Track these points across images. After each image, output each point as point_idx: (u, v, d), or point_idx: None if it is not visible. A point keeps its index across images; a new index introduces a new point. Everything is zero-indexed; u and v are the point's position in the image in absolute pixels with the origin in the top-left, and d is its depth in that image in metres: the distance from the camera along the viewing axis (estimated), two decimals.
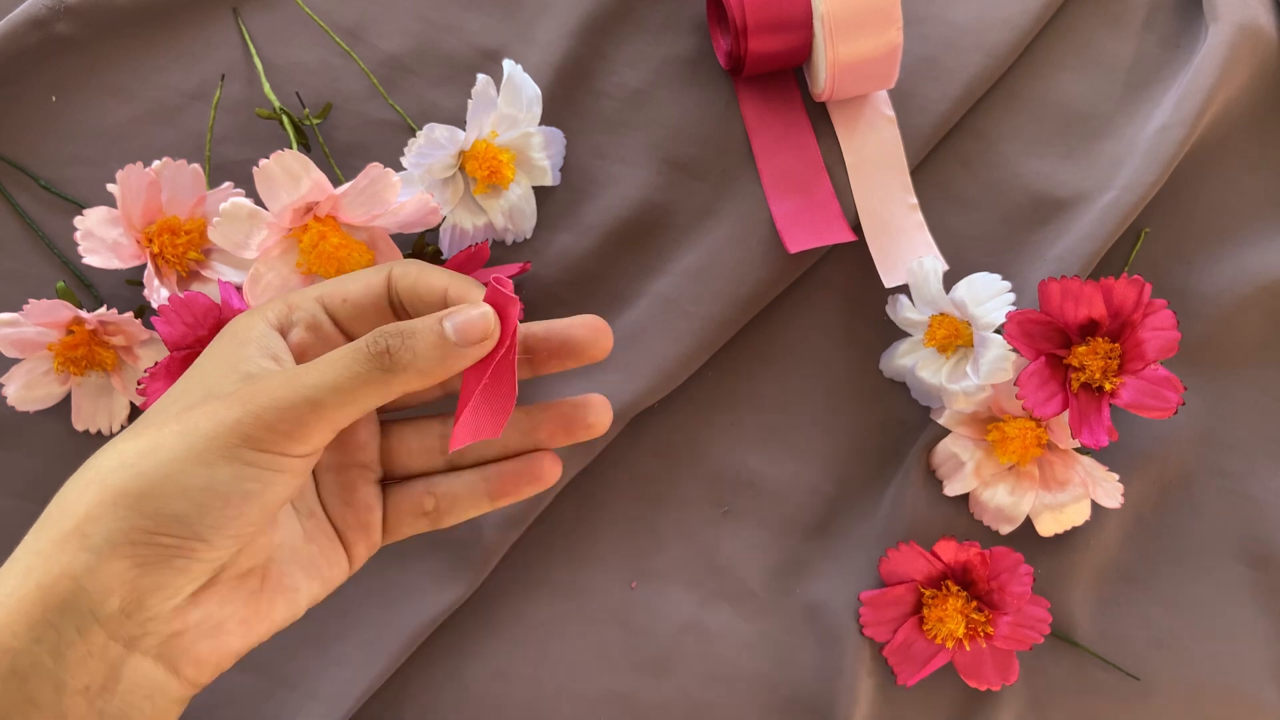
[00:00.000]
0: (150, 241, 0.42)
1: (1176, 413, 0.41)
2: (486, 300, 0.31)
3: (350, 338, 0.33)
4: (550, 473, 0.35)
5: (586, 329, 0.34)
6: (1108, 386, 0.42)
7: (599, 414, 0.35)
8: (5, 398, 0.42)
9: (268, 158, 0.38)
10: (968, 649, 0.44)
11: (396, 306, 0.33)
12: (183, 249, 0.42)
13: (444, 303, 0.32)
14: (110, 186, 0.40)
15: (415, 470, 0.35)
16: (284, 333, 0.32)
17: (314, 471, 0.34)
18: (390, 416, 0.36)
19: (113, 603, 0.27)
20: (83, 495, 0.27)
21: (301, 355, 0.32)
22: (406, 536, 0.35)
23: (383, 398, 0.29)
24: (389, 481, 0.36)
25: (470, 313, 0.30)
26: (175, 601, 0.28)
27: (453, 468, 0.35)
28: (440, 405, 0.38)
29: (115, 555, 0.26)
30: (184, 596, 0.28)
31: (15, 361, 0.42)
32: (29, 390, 0.42)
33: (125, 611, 0.27)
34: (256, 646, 0.31)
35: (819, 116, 0.49)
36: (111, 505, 0.27)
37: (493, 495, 0.35)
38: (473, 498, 0.35)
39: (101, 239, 0.41)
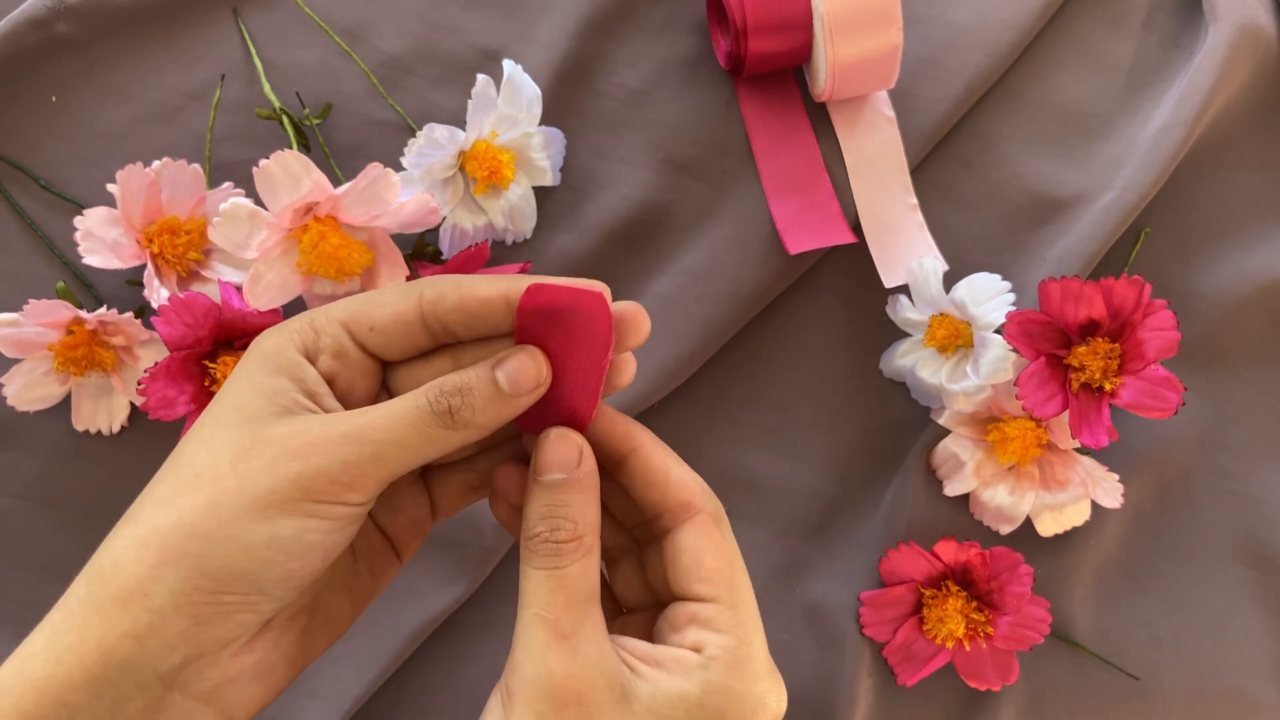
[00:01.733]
0: (150, 241, 0.42)
1: (1176, 413, 0.41)
2: (538, 306, 0.30)
3: (381, 359, 0.32)
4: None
5: (629, 314, 0.32)
6: (1108, 386, 0.42)
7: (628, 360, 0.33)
8: (5, 398, 0.42)
9: (268, 158, 0.38)
10: (968, 649, 0.44)
11: (435, 330, 0.32)
12: (183, 249, 0.42)
13: (505, 311, 0.31)
14: (110, 186, 0.40)
15: (455, 457, 0.34)
16: (311, 359, 0.31)
17: None
18: None
19: (174, 658, 0.26)
20: (141, 555, 0.27)
21: (332, 382, 0.31)
22: (459, 511, 0.35)
23: (442, 452, 0.29)
24: (429, 468, 0.35)
25: (521, 360, 0.30)
26: (231, 649, 0.28)
27: (490, 446, 0.34)
28: None
29: (178, 615, 0.26)
30: (240, 644, 0.28)
31: (15, 361, 0.42)
32: (29, 390, 0.42)
33: (184, 664, 0.27)
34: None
35: (819, 116, 0.49)
36: (175, 566, 0.26)
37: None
38: (516, 465, 0.34)
39: (101, 239, 0.41)
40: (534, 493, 0.30)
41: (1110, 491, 0.45)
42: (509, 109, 0.44)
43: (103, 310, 0.40)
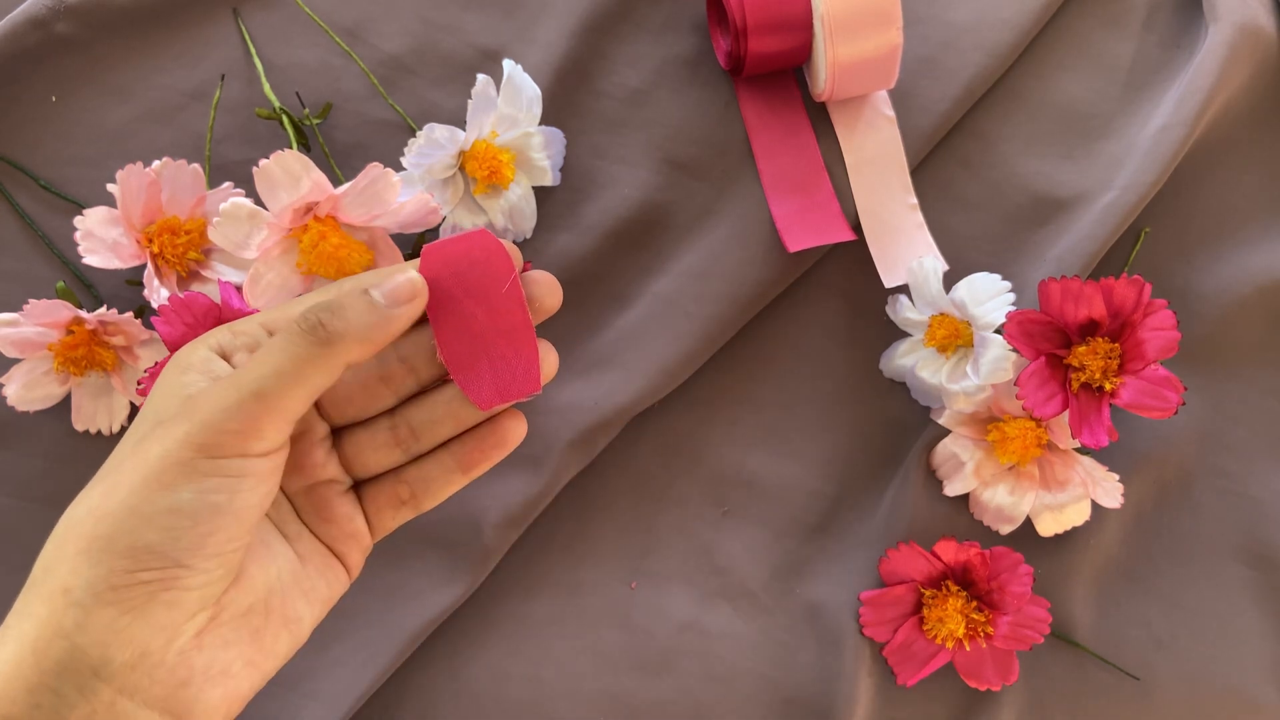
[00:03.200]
0: (150, 241, 0.42)
1: (1176, 413, 0.41)
2: (437, 256, 0.31)
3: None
4: (515, 433, 0.34)
5: (541, 285, 0.33)
6: (1108, 386, 0.42)
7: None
8: (5, 398, 0.42)
9: (268, 158, 0.38)
10: (968, 649, 0.44)
11: None
12: (183, 249, 0.42)
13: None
14: (110, 186, 0.40)
15: (380, 468, 0.35)
16: (227, 357, 0.31)
17: (287, 497, 0.33)
18: (339, 425, 0.35)
19: (115, 656, 0.26)
20: (61, 551, 0.27)
21: None
22: (396, 528, 0.35)
23: (328, 374, 0.29)
24: (360, 484, 0.35)
25: (396, 276, 0.30)
26: (178, 644, 0.27)
27: (415, 456, 0.35)
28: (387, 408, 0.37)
29: (100, 604, 0.26)
30: (187, 638, 0.27)
31: (15, 361, 0.42)
32: (29, 390, 0.42)
33: (130, 664, 0.26)
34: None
35: (819, 116, 0.49)
36: (87, 554, 0.26)
37: (464, 468, 0.34)
38: (445, 476, 0.34)
39: (101, 239, 0.41)
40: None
41: (1110, 491, 0.45)
42: (509, 109, 0.44)
43: (103, 310, 0.40)
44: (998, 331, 0.43)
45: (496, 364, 0.32)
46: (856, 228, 0.47)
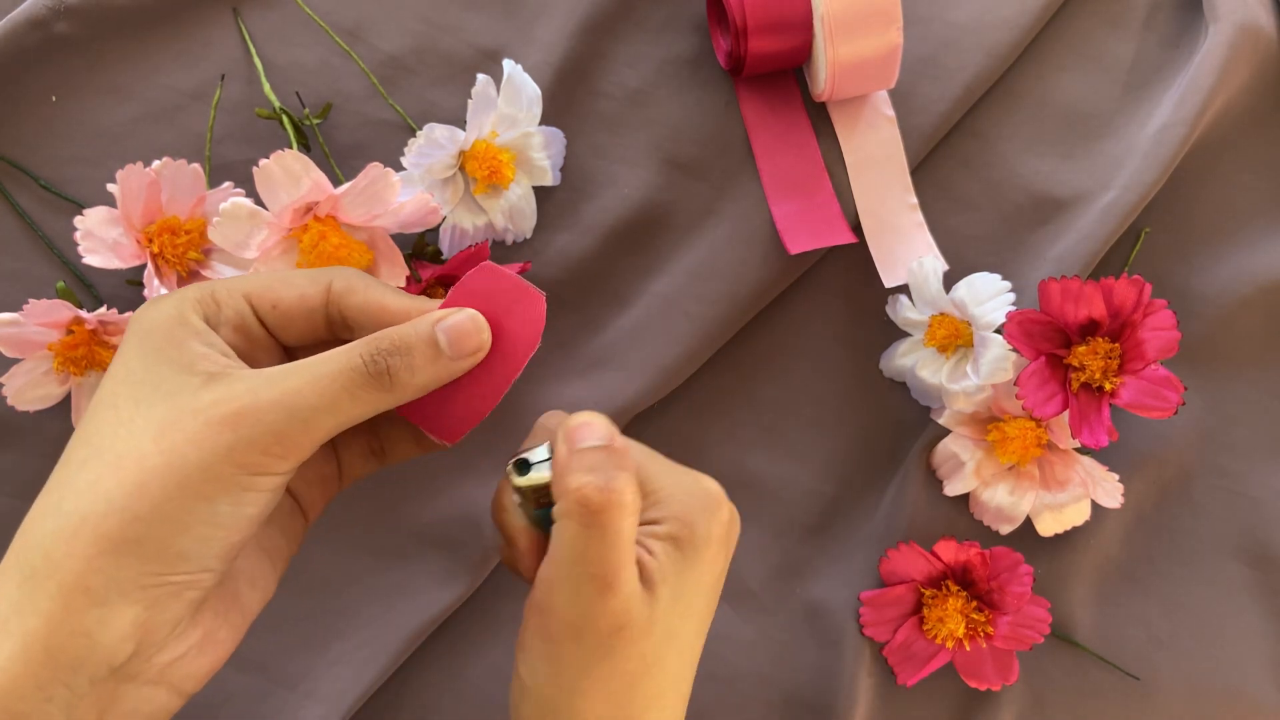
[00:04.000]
0: (150, 241, 0.42)
1: (1176, 413, 0.41)
2: (481, 287, 0.30)
3: (278, 340, 0.31)
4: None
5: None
6: (1108, 386, 0.42)
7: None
8: (5, 398, 0.42)
9: (268, 158, 0.38)
10: (968, 649, 0.44)
11: (334, 320, 0.31)
12: (183, 249, 0.42)
13: (393, 323, 0.31)
14: (110, 186, 0.40)
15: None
16: (213, 328, 0.30)
17: None
18: None
19: (129, 649, 0.26)
20: (73, 547, 0.26)
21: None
22: (361, 478, 0.34)
23: (369, 415, 0.29)
24: None
25: (463, 321, 0.29)
26: (179, 629, 0.27)
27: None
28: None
29: (126, 603, 0.26)
30: (186, 621, 0.27)
31: (15, 361, 0.42)
32: (29, 390, 0.42)
33: (135, 652, 0.26)
34: (256, 645, 0.31)
35: (819, 116, 0.49)
36: (114, 555, 0.25)
37: (420, 446, 0.34)
38: (411, 439, 0.34)
39: (101, 239, 0.41)
40: (575, 458, 0.30)
41: (1110, 491, 0.45)
42: (509, 109, 0.44)
43: (103, 310, 0.40)
44: (998, 331, 0.43)
45: (466, 404, 0.31)
46: (856, 228, 0.47)
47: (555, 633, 0.29)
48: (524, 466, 0.32)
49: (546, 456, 0.31)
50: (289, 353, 0.33)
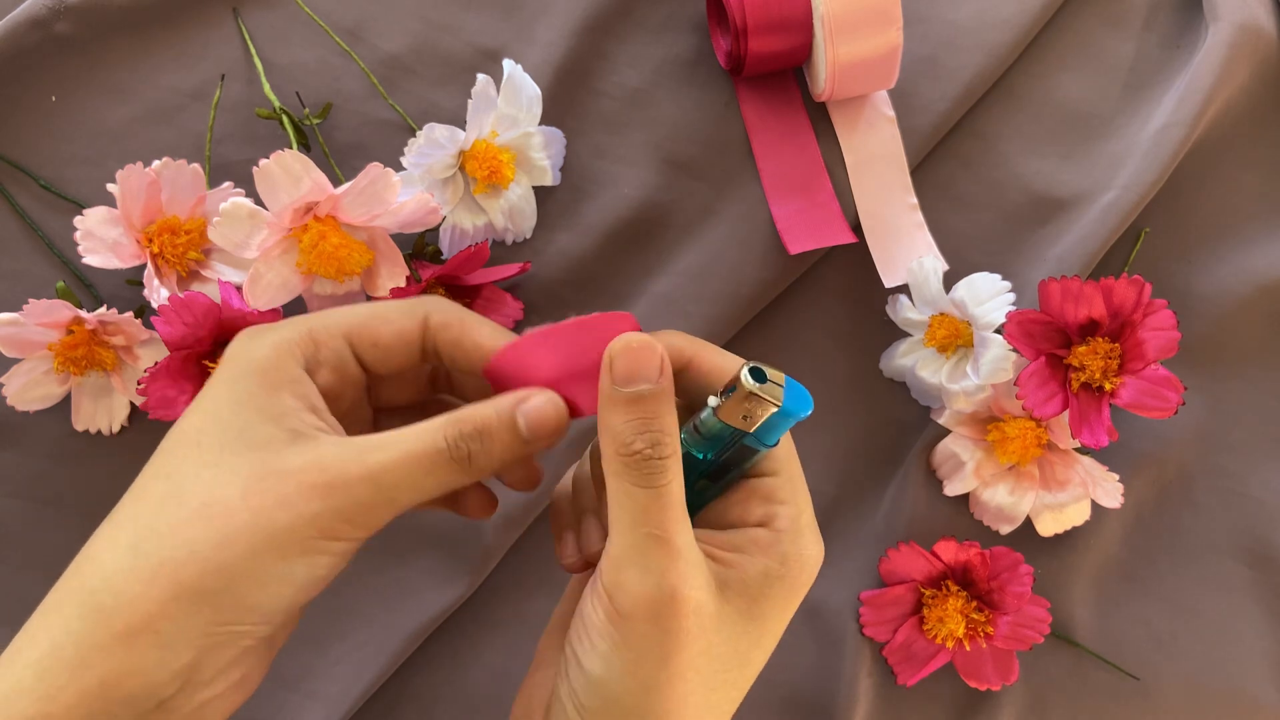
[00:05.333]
0: (150, 241, 0.42)
1: (1176, 413, 0.41)
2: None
3: (370, 374, 0.32)
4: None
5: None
6: (1108, 386, 0.42)
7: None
8: (5, 398, 0.42)
9: (268, 158, 0.38)
10: (968, 649, 0.44)
11: (428, 351, 0.32)
12: (183, 249, 0.42)
13: (486, 359, 0.31)
14: (110, 186, 0.40)
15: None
16: (310, 372, 0.30)
17: None
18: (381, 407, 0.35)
19: (175, 686, 0.26)
20: (149, 590, 0.26)
21: (325, 397, 0.30)
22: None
23: (449, 489, 0.29)
24: None
25: (543, 404, 0.29)
26: (225, 671, 0.28)
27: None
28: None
29: (188, 648, 0.26)
30: (232, 664, 0.28)
31: (15, 361, 0.42)
32: (29, 390, 0.42)
33: (181, 691, 0.27)
34: None
35: (819, 116, 0.49)
36: (189, 603, 0.26)
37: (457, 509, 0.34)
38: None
39: (101, 239, 0.41)
40: (616, 406, 0.28)
41: (1110, 491, 0.45)
42: (509, 109, 0.44)
43: (103, 310, 0.40)
44: (998, 331, 0.43)
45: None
46: (856, 228, 0.47)
47: (630, 611, 0.28)
48: (759, 375, 0.29)
49: (784, 385, 0.30)
50: (374, 382, 0.33)
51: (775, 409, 0.29)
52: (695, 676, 0.28)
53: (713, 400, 0.30)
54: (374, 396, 0.33)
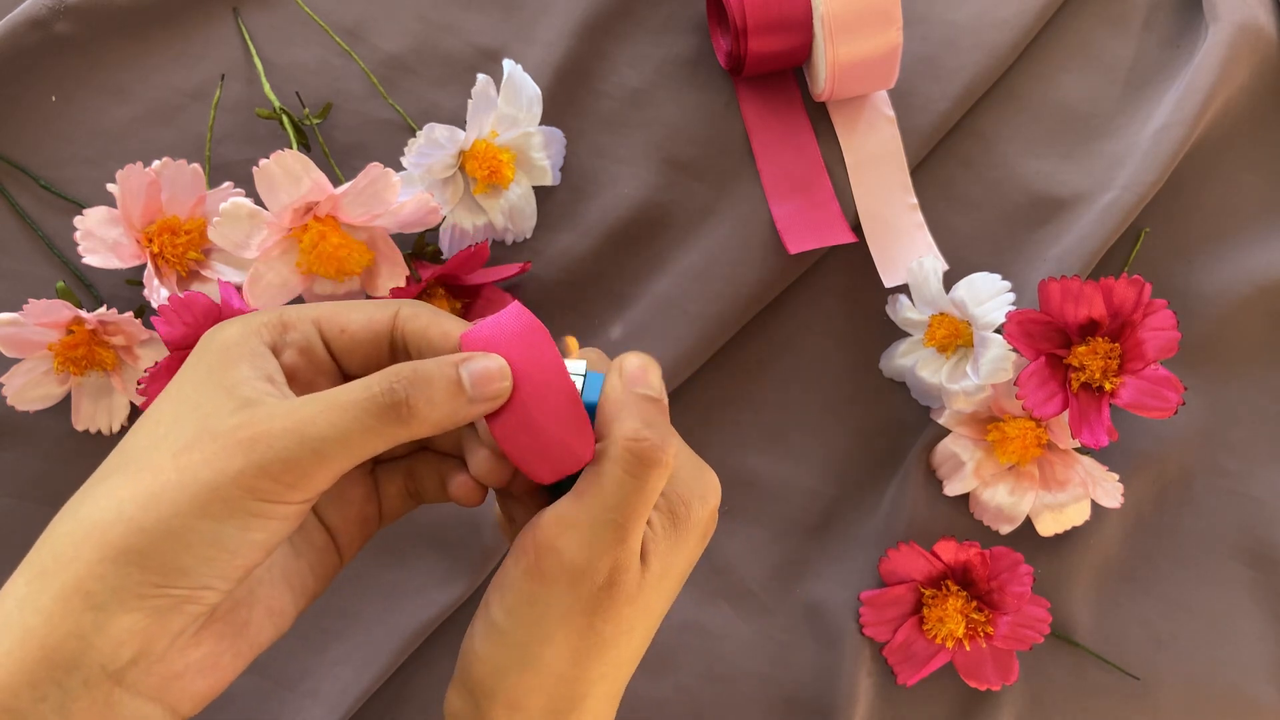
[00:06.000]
0: (150, 241, 0.42)
1: (1176, 413, 0.41)
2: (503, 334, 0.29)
3: (341, 366, 0.32)
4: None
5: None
6: (1108, 386, 0.42)
7: None
8: (5, 398, 0.42)
9: (268, 158, 0.38)
10: (968, 649, 0.44)
11: (398, 347, 0.32)
12: (183, 249, 0.42)
13: (454, 351, 0.31)
14: (110, 186, 0.40)
15: (400, 451, 0.34)
16: (276, 352, 0.30)
17: None
18: None
19: (124, 655, 0.26)
20: (80, 550, 0.26)
21: (292, 378, 0.30)
22: (399, 518, 0.35)
23: (386, 448, 0.28)
24: (377, 464, 0.34)
25: (487, 363, 0.29)
26: (179, 643, 0.27)
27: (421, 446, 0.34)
28: None
29: (124, 610, 0.26)
30: (186, 637, 0.27)
31: (15, 361, 0.42)
32: (29, 390, 0.42)
33: (133, 660, 0.26)
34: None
35: (819, 116, 0.49)
36: (114, 562, 0.26)
37: (454, 496, 0.34)
38: (441, 482, 0.34)
39: (101, 239, 0.41)
40: (632, 404, 0.30)
41: (1110, 491, 0.45)
42: (509, 108, 0.44)
43: (103, 310, 0.40)
44: (998, 331, 0.43)
45: (552, 449, 0.29)
46: (856, 228, 0.47)
47: (551, 573, 0.29)
48: None
49: (583, 373, 0.31)
50: (350, 379, 0.32)
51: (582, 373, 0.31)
52: (596, 636, 0.30)
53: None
54: None
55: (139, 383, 0.39)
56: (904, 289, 0.47)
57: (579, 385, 0.31)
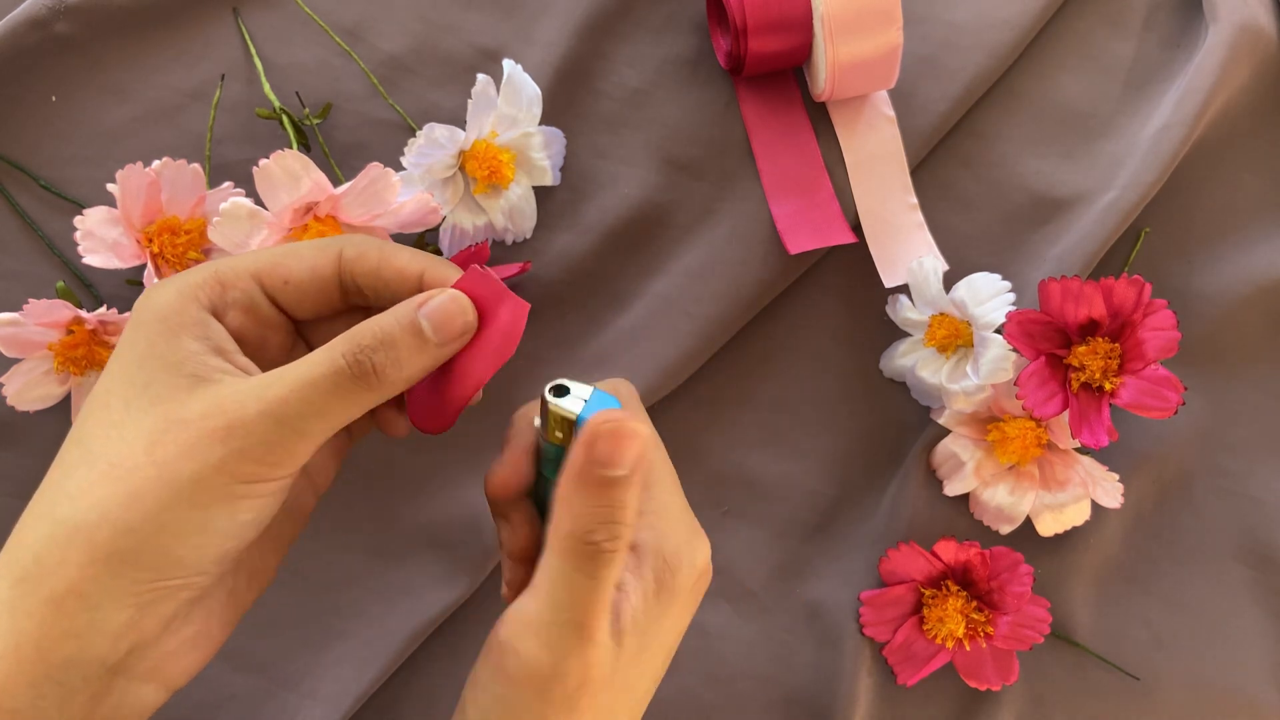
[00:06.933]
0: (150, 241, 0.42)
1: (1176, 413, 0.41)
2: (470, 292, 0.29)
3: (291, 316, 0.31)
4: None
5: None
6: (1108, 386, 0.42)
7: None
8: (5, 397, 0.42)
9: (268, 158, 0.38)
10: (968, 649, 0.44)
11: (349, 288, 0.30)
12: (183, 249, 0.42)
13: (417, 288, 0.30)
14: (110, 186, 0.40)
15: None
16: (218, 315, 0.29)
17: None
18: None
19: (122, 647, 0.26)
20: (67, 554, 0.26)
21: (240, 340, 0.29)
22: (368, 432, 0.34)
23: (363, 411, 0.28)
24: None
25: (445, 303, 0.28)
26: (173, 626, 0.27)
27: None
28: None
29: (119, 608, 0.26)
30: (179, 618, 0.28)
31: (15, 361, 0.42)
32: (29, 390, 0.42)
33: (130, 651, 0.26)
34: (257, 646, 0.30)
35: (819, 116, 0.49)
36: (105, 564, 0.26)
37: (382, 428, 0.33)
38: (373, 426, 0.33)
39: (101, 239, 0.41)
40: (586, 487, 0.27)
41: (1110, 491, 0.45)
42: (509, 109, 0.44)
43: (103, 310, 0.40)
44: (998, 331, 0.43)
45: (439, 402, 0.30)
46: (856, 228, 0.47)
47: (517, 677, 0.28)
48: (562, 391, 0.29)
49: (588, 397, 0.29)
50: (302, 328, 0.32)
51: (574, 417, 0.29)
52: None
53: (536, 422, 0.30)
54: (312, 344, 0.32)
55: None
56: (904, 289, 0.47)
57: (578, 409, 0.29)
